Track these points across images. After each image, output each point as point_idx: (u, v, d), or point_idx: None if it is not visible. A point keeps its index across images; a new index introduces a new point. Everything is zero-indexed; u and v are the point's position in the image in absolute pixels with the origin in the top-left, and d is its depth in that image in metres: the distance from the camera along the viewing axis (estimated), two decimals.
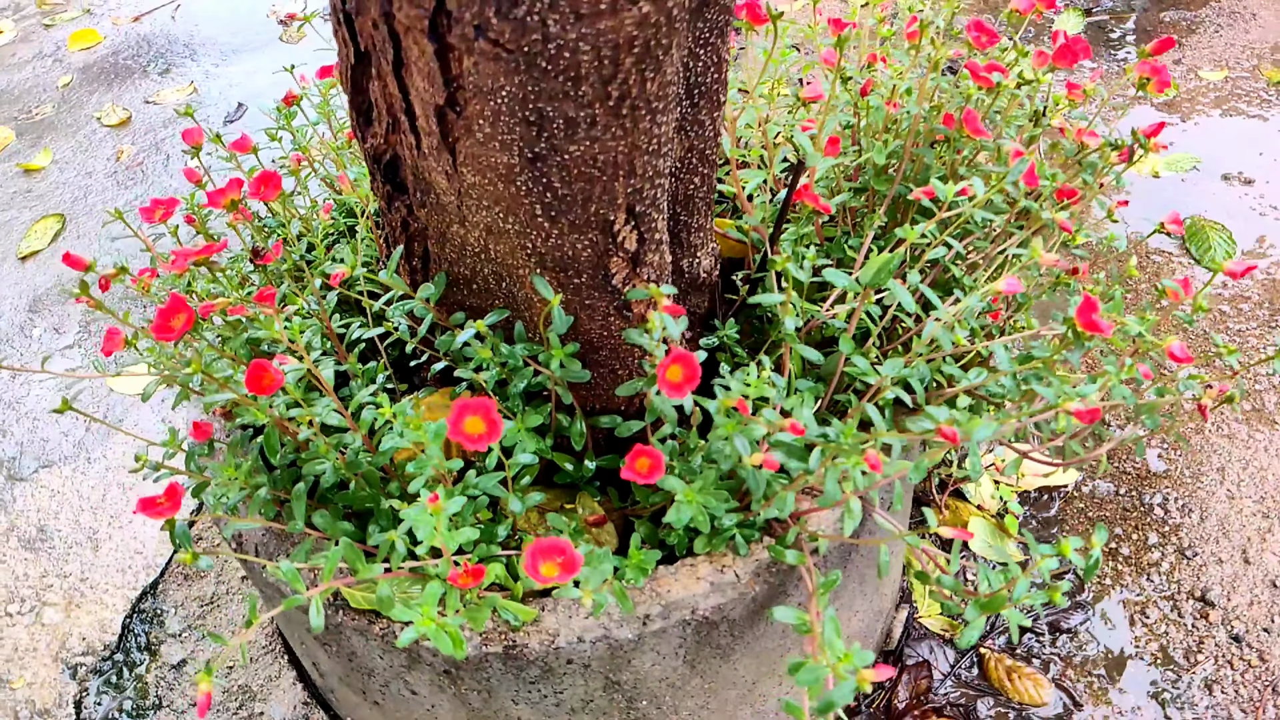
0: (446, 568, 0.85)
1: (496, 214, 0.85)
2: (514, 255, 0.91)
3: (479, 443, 0.82)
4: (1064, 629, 1.38)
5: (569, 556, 0.78)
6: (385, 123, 0.85)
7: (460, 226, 0.91)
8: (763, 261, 1.10)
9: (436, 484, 0.94)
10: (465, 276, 1.00)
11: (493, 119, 0.74)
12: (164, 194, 2.27)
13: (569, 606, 0.94)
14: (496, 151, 0.77)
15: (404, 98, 0.80)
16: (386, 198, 0.97)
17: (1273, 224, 1.88)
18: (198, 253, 0.99)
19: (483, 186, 0.82)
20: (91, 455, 1.65)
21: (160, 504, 0.83)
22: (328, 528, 0.95)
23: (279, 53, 2.72)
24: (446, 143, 0.80)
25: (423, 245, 1.01)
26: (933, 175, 1.05)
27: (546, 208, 0.82)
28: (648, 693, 1.00)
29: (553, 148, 0.76)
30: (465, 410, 0.83)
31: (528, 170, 0.78)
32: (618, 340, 0.98)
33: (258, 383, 0.82)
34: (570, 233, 0.84)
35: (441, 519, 0.81)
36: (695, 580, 0.95)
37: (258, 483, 0.94)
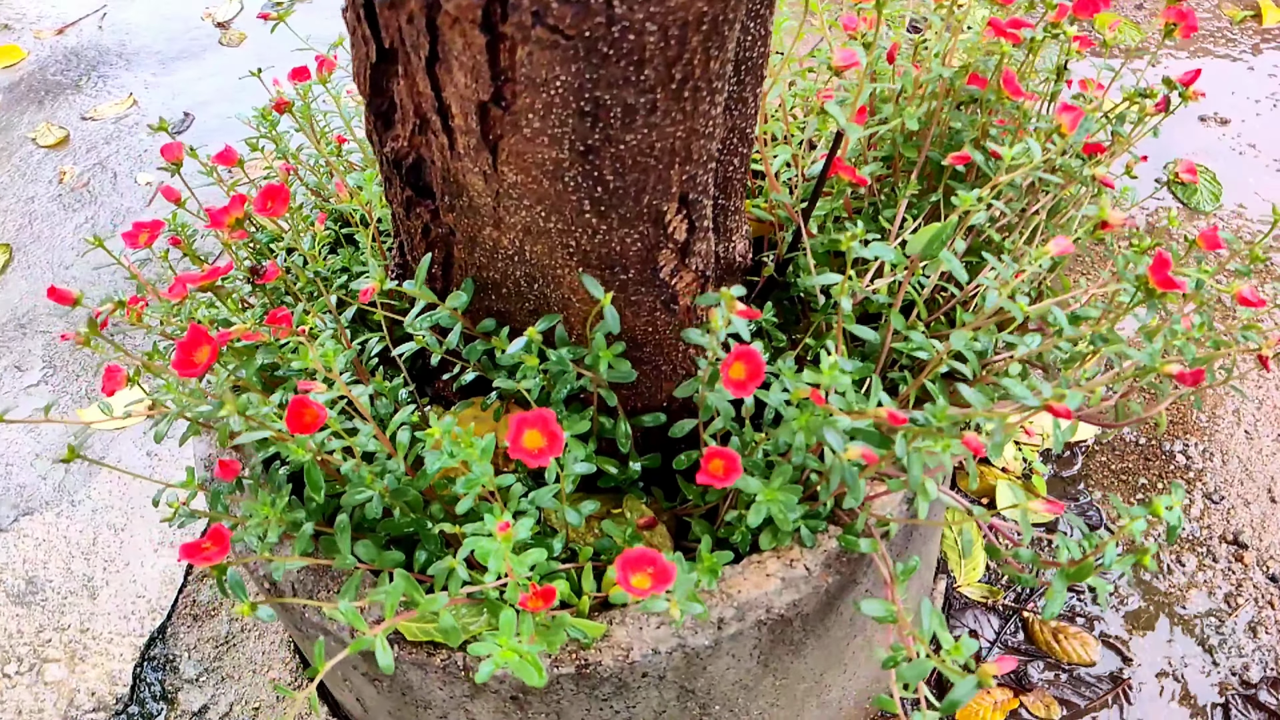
0: (515, 592, 0.80)
1: (538, 213, 0.80)
2: (552, 255, 0.86)
3: (541, 457, 0.78)
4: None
5: (660, 567, 0.73)
6: (411, 124, 0.79)
7: (494, 229, 0.85)
8: (794, 240, 1.06)
9: (484, 502, 0.89)
10: (494, 281, 0.94)
11: (543, 112, 0.69)
12: (116, 215, 2.16)
13: (637, 617, 0.90)
14: (545, 147, 0.72)
15: (436, 96, 0.74)
16: (405, 204, 0.91)
17: (1251, 162, 1.89)
18: (203, 277, 0.92)
19: (525, 185, 0.77)
20: (75, 498, 1.55)
21: (205, 549, 0.76)
22: (375, 559, 0.89)
23: (221, 58, 2.60)
24: (487, 141, 0.74)
25: (444, 252, 0.95)
26: (966, 138, 1.02)
27: (596, 202, 0.77)
28: (720, 697, 0.97)
29: (607, 138, 0.71)
30: (524, 424, 0.78)
31: (578, 164, 0.73)
32: (663, 335, 0.94)
33: (299, 421, 0.76)
34: (620, 227, 0.79)
35: (509, 544, 0.76)
36: (765, 578, 0.91)
37: (295, 519, 0.87)
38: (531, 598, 0.81)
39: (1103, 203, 0.80)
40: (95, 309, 0.93)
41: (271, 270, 1.04)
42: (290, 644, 1.34)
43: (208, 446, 1.10)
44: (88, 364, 1.79)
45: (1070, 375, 0.95)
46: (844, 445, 0.72)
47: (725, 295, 0.74)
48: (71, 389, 1.74)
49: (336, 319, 0.99)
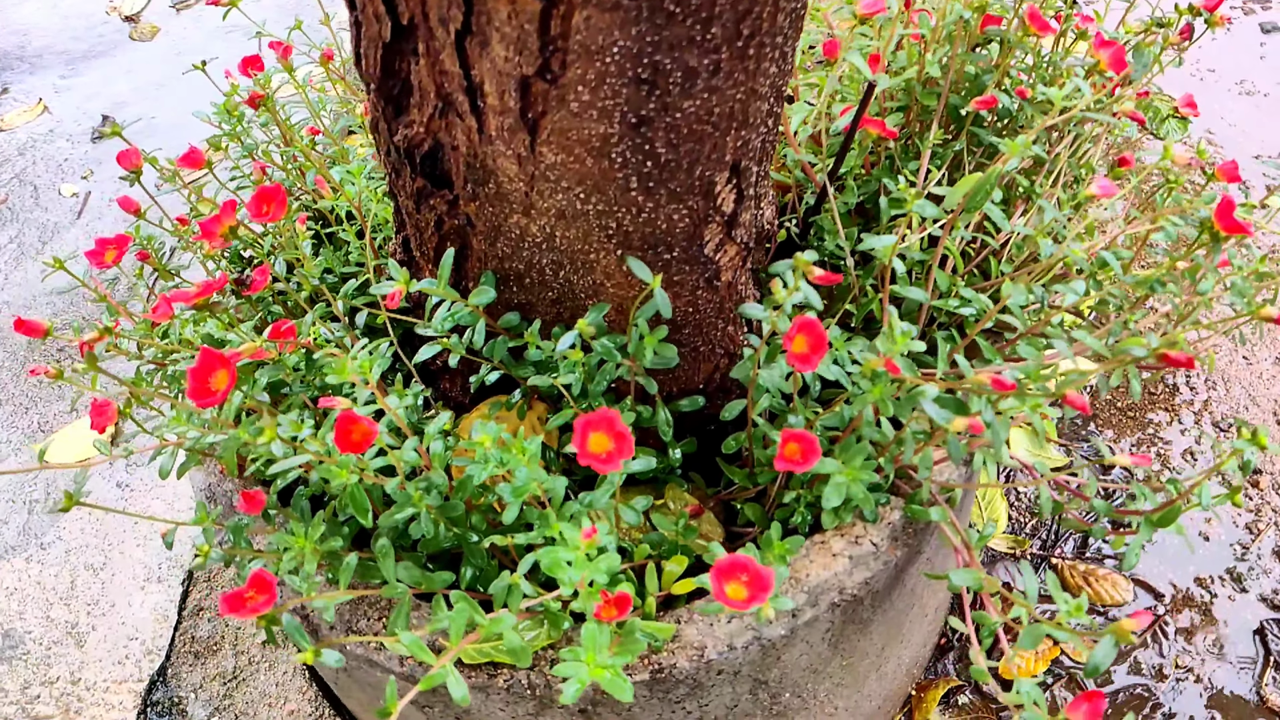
0: (589, 602, 0.75)
1: (576, 195, 0.74)
2: (587, 240, 0.80)
3: (611, 462, 0.72)
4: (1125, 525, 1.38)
5: (754, 573, 0.68)
6: (431, 107, 0.71)
7: (522, 216, 0.79)
8: (816, 202, 1.01)
9: (529, 508, 0.84)
10: (516, 272, 0.87)
11: (595, 83, 0.63)
12: (44, 231, 2.01)
13: (706, 617, 0.85)
14: (592, 122, 0.66)
15: (465, 74, 0.67)
16: (417, 196, 0.83)
17: (1212, 87, 1.90)
18: (198, 294, 0.83)
19: (565, 166, 0.71)
20: (44, 540, 1.44)
21: (250, 599, 0.69)
22: (421, 582, 0.83)
23: (134, 54, 2.43)
24: (525, 120, 0.67)
25: (458, 244, 0.88)
26: (986, 82, 0.98)
27: (644, 178, 0.71)
28: (791, 684, 0.93)
29: (664, 106, 0.65)
30: (589, 427, 0.72)
31: (628, 138, 0.67)
32: (703, 315, 0.88)
33: (347, 440, 0.69)
34: (668, 203, 0.74)
35: (593, 554, 0.70)
36: (832, 558, 0.88)
37: (331, 548, 0.80)
38: (605, 606, 0.76)
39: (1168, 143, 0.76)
40: (82, 341, 0.84)
41: (259, 280, 0.95)
42: (304, 672, 1.26)
43: (207, 477, 1.01)
44: (36, 396, 1.66)
45: (1118, 322, 0.92)
46: (947, 417, 0.68)
47: (800, 260, 0.69)
48: (21, 423, 1.61)
49: (348, 327, 0.91)
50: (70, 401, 1.62)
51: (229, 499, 1.00)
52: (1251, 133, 1.82)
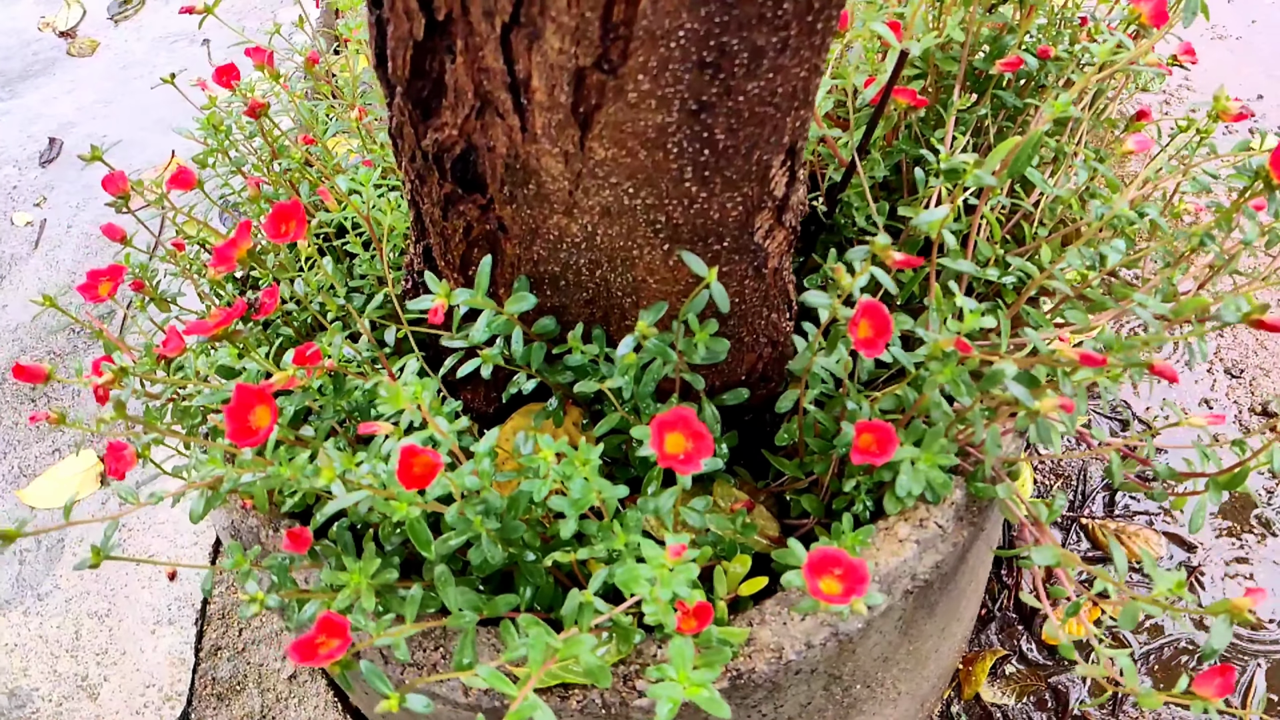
0: (669, 615, 0.71)
1: (624, 191, 0.70)
2: (631, 236, 0.76)
3: (690, 462, 0.68)
4: (1148, 479, 1.38)
5: (848, 566, 0.66)
6: (468, 108, 0.67)
7: (563, 217, 0.75)
8: (845, 176, 0.98)
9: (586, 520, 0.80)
10: (550, 275, 0.83)
11: (656, 71, 0.59)
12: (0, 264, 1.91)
13: (777, 612, 0.83)
14: (650, 112, 0.62)
15: (509, 69, 0.62)
16: (445, 201, 0.79)
17: (1185, 34, 1.91)
18: (219, 323, 0.78)
19: (616, 160, 0.67)
20: (40, 590, 1.37)
21: (321, 644, 0.65)
22: (482, 607, 0.79)
23: (76, 71, 2.32)
24: (576, 115, 0.63)
25: (487, 250, 0.84)
26: (1010, 43, 0.95)
27: (700, 167, 0.67)
28: (862, 675, 0.91)
29: (727, 90, 0.61)
30: (664, 428, 0.68)
31: (686, 126, 0.63)
32: (748, 304, 0.85)
33: (409, 473, 0.64)
34: (723, 191, 0.70)
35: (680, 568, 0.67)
36: (899, 544, 0.85)
37: (386, 581, 0.76)
38: (685, 618, 0.73)
39: (1220, 93, 0.74)
40: (96, 385, 0.78)
41: (268, 302, 0.90)
42: (336, 704, 1.21)
43: (230, 514, 0.96)
44: (13, 439, 1.57)
45: (1165, 279, 0.91)
46: (1034, 398, 0.65)
47: (878, 245, 0.65)
48: (1, 469, 1.53)
49: (377, 346, 0.86)
50: (52, 442, 1.54)
51: (255, 535, 0.95)
52: (1225, 77, 1.83)
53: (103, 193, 1.96)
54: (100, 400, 0.80)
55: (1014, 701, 1.21)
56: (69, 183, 2.01)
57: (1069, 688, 1.21)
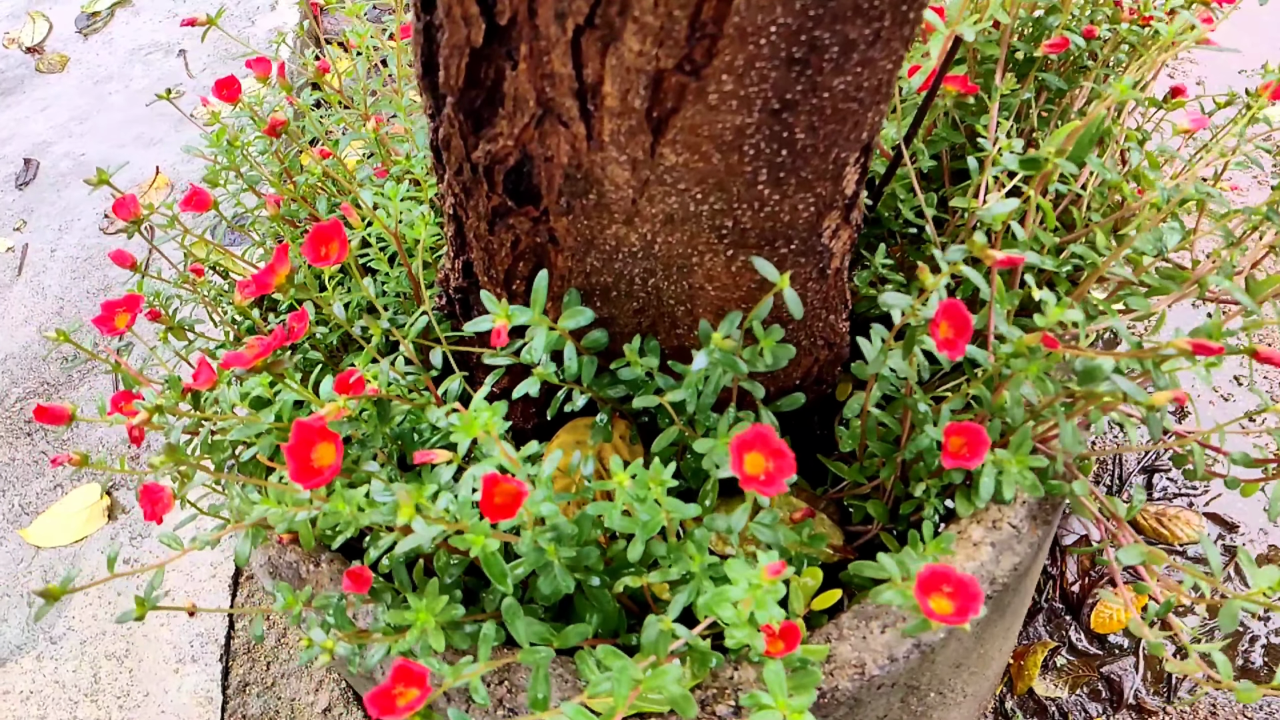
0: (757, 638, 0.68)
1: (691, 197, 0.66)
2: (693, 243, 0.72)
3: (773, 483, 0.65)
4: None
5: (958, 583, 0.63)
6: (527, 117, 0.63)
7: (623, 226, 0.71)
8: (892, 167, 0.95)
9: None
10: (603, 286, 0.80)
11: (742, 69, 0.55)
12: None
13: (855, 626, 0.80)
14: (730, 113, 0.58)
15: (577, 75, 0.58)
16: (494, 215, 0.75)
17: None
18: (260, 353, 0.73)
19: (687, 165, 0.63)
20: (53, 633, 1.31)
21: (399, 695, 0.61)
22: (553, 638, 0.75)
23: (47, 88, 2.24)
24: (649, 120, 0.60)
25: (533, 264, 0.80)
26: (1054, 24, 0.93)
27: (775, 169, 0.64)
28: (937, 683, 0.88)
29: (812, 87, 0.57)
30: (744, 447, 0.65)
31: (766, 127, 0.60)
32: (810, 307, 0.82)
33: (491, 504, 0.60)
34: (796, 192, 0.67)
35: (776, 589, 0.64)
36: (974, 548, 0.82)
37: (451, 617, 0.72)
38: (772, 640, 0.70)
39: (1271, 67, 0.72)
40: (130, 425, 0.74)
41: (299, 326, 0.85)
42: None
43: (265, 550, 0.92)
44: (11, 476, 1.51)
45: (1226, 262, 0.88)
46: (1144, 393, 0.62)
47: (975, 244, 0.62)
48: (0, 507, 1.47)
49: (421, 369, 0.82)
50: (52, 477, 1.48)
51: (294, 570, 0.91)
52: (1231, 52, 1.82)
53: (86, 214, 1.89)
54: (135, 441, 0.76)
55: (1067, 694, 1.19)
56: (49, 205, 1.94)
57: (1122, 676, 1.19)
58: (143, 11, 2.39)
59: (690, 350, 0.87)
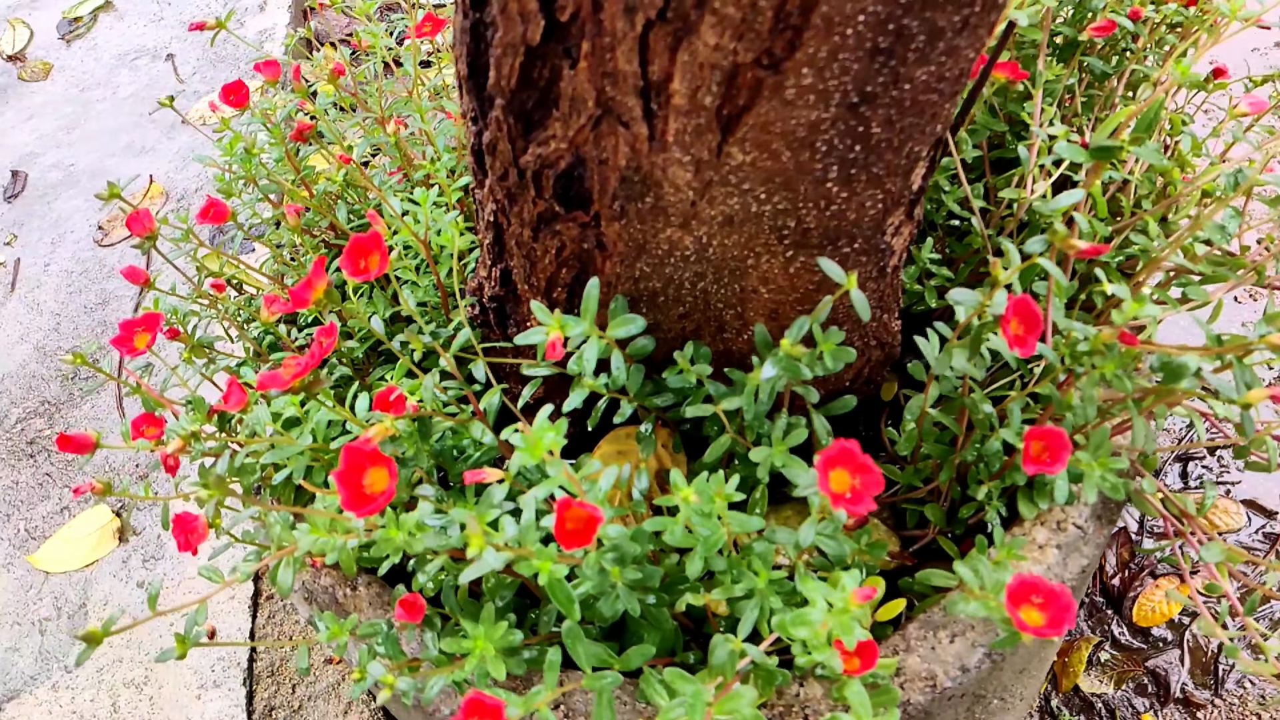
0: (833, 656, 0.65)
1: (754, 197, 0.63)
2: (750, 245, 0.69)
3: (860, 501, 0.62)
4: (1219, 448, 1.34)
5: (1049, 593, 0.60)
6: (585, 118, 0.60)
7: (679, 229, 0.68)
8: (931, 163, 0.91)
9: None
10: (650, 292, 0.76)
11: (824, 62, 0.52)
12: None
13: (922, 636, 0.77)
14: (805, 108, 0.55)
15: (643, 72, 0.55)
16: (539, 221, 0.71)
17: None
18: (298, 372, 0.70)
19: (754, 165, 0.60)
20: (67, 661, 1.27)
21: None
22: (613, 661, 0.72)
23: (31, 97, 2.18)
24: (719, 118, 0.56)
25: (577, 271, 0.76)
26: (1099, 5, 0.90)
27: (846, 165, 0.60)
28: (1001, 689, 0.85)
29: (894, 78, 0.54)
30: (829, 464, 0.62)
31: (842, 121, 0.57)
32: (874, 313, 0.79)
33: (562, 528, 0.57)
34: (866, 189, 0.63)
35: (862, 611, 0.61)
36: (1039, 549, 0.80)
37: (510, 643, 0.69)
38: (848, 657, 0.67)
39: None
40: (164, 453, 0.70)
41: (327, 340, 0.82)
42: None
43: (299, 577, 0.88)
44: (16, 500, 1.46)
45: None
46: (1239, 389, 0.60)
47: (1058, 234, 0.59)
48: (6, 533, 1.42)
49: (465, 383, 0.79)
50: (58, 499, 1.44)
51: (330, 595, 0.87)
52: None
53: (79, 227, 1.84)
54: (170, 470, 0.72)
55: (1113, 689, 1.17)
56: (39, 218, 1.88)
57: (1167, 670, 1.17)
58: (126, 16, 2.33)
59: (737, 354, 0.84)
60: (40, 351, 1.64)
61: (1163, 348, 0.69)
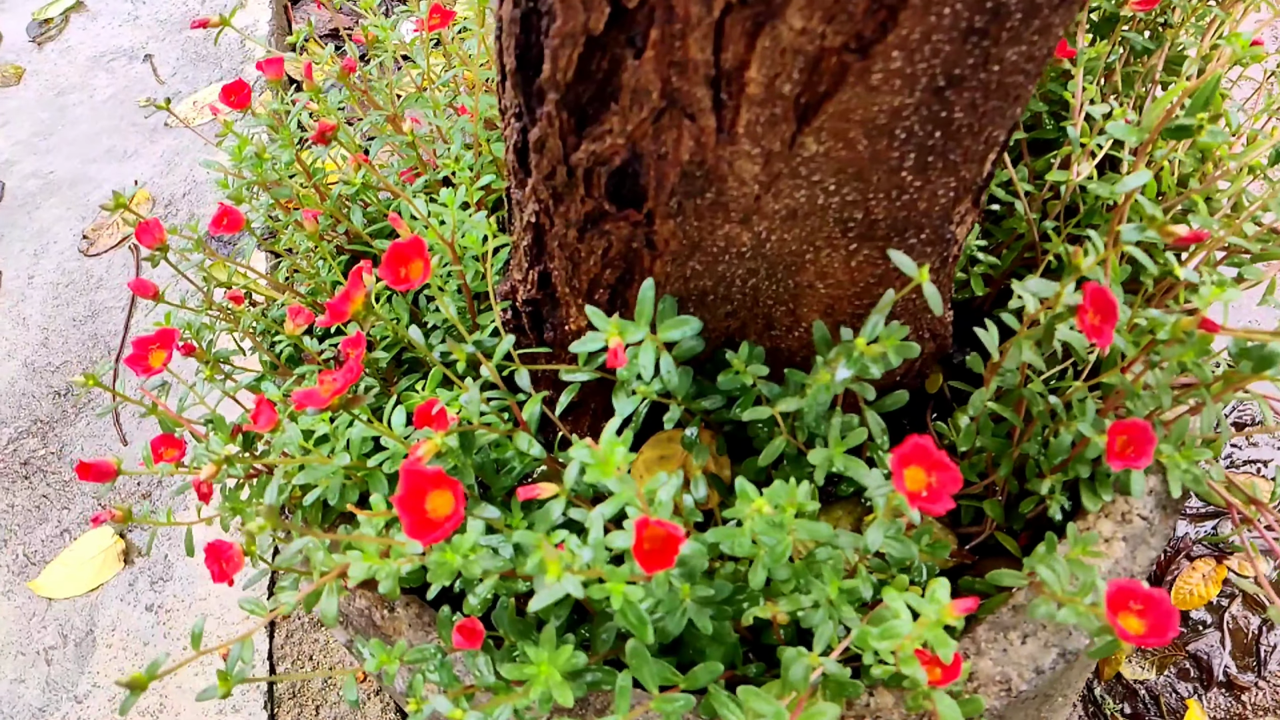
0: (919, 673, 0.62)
1: (823, 189, 0.60)
2: (811, 239, 0.66)
3: (937, 500, 0.59)
4: (1242, 425, 1.33)
5: (1147, 599, 0.57)
6: (647, 110, 0.56)
7: (738, 225, 0.64)
8: None
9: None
10: (699, 291, 0.73)
11: (918, 44, 0.49)
12: None
13: (992, 638, 0.74)
14: (890, 94, 0.52)
15: (715, 61, 0.51)
16: (584, 221, 0.68)
17: None
18: (338, 389, 0.66)
19: (827, 155, 0.56)
20: (77, 691, 1.22)
21: None
22: (679, 680, 0.69)
23: (3, 102, 2.09)
24: (797, 107, 0.53)
25: (621, 271, 0.73)
26: None
27: (924, 153, 0.57)
28: (1065, 686, 0.83)
29: (984, 59, 0.51)
30: (904, 462, 0.59)
31: (925, 107, 0.53)
32: (923, 300, 0.76)
33: (641, 549, 0.54)
34: (941, 177, 0.60)
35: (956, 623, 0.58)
36: (1105, 543, 0.78)
37: (574, 667, 0.65)
38: (930, 667, 0.64)
39: None
40: (197, 480, 0.66)
41: (357, 352, 0.78)
42: None
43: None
44: (12, 525, 1.41)
45: None
46: None
47: (1157, 221, 0.56)
48: (4, 559, 1.37)
49: (508, 391, 0.75)
50: (57, 522, 1.39)
51: (366, 618, 0.84)
52: None
53: (62, 237, 1.78)
54: (204, 498, 0.68)
55: (1155, 675, 1.16)
56: (19, 229, 1.82)
57: (1209, 653, 1.16)
58: (100, 16, 2.26)
59: (785, 352, 0.81)
60: (29, 368, 1.58)
61: (1237, 333, 0.67)
